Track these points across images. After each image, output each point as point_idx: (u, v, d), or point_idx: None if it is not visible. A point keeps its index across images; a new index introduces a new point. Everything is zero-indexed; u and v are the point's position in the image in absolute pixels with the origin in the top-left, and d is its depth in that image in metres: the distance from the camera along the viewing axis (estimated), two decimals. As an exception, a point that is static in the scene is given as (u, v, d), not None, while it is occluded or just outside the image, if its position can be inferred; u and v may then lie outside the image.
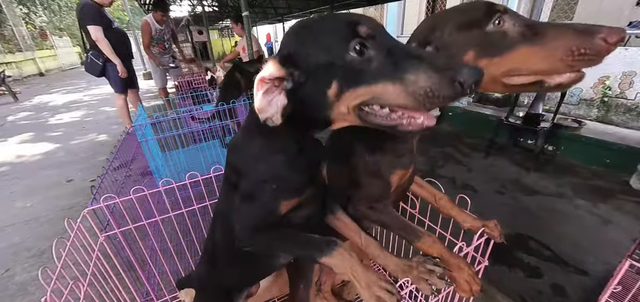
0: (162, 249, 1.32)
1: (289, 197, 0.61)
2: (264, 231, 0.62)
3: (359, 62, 0.43)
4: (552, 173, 2.80)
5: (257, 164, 0.60)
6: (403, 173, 0.76)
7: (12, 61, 12.12)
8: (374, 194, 0.75)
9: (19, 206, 2.43)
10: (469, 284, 0.67)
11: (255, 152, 0.60)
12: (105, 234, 0.93)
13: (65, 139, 4.20)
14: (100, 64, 3.08)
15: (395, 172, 0.74)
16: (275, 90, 0.45)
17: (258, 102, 0.45)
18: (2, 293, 1.55)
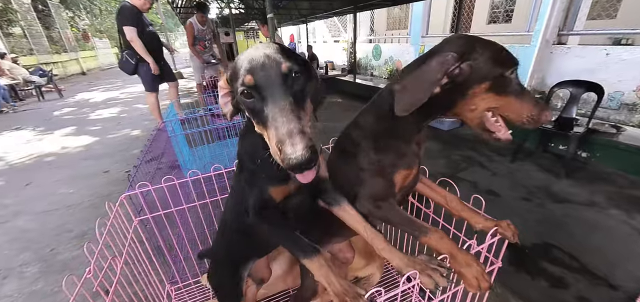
0: (188, 237, 1.42)
1: (275, 184, 0.70)
2: (266, 216, 0.72)
3: (251, 103, 0.55)
4: (584, 181, 2.63)
5: (251, 156, 0.71)
6: (407, 173, 0.77)
7: (58, 61, 13.24)
8: (378, 193, 0.77)
9: (62, 192, 2.68)
10: (478, 280, 0.68)
11: (249, 146, 0.72)
12: (139, 218, 1.03)
13: (102, 133, 4.55)
14: (133, 63, 3.32)
15: (398, 172, 0.76)
16: (229, 96, 0.61)
17: (220, 100, 0.62)
18: (48, 269, 1.73)
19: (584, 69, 3.79)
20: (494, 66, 0.62)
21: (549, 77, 4.28)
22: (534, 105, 0.63)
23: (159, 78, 3.56)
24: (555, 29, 4.03)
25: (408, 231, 0.75)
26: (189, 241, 1.30)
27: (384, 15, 9.84)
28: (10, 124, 5.57)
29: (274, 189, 0.70)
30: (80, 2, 18.14)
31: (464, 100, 0.65)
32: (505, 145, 3.41)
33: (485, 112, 0.66)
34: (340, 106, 6.14)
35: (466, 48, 0.63)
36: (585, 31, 4.00)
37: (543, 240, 1.94)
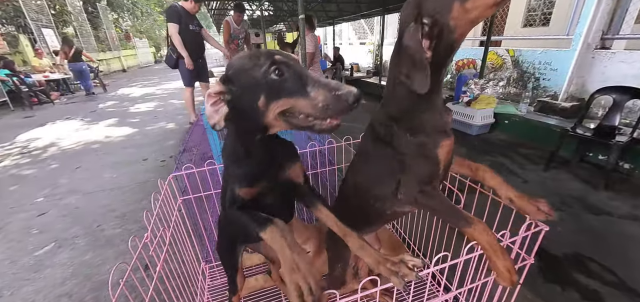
0: None
1: (243, 184, 0.75)
2: (232, 209, 0.78)
3: (279, 82, 0.59)
4: (626, 193, 2.46)
5: (230, 159, 0.78)
6: (449, 143, 0.76)
7: (103, 59, 14.37)
8: (424, 175, 0.75)
9: (107, 177, 2.95)
10: (510, 273, 0.69)
11: (230, 151, 0.78)
12: (183, 197, 1.13)
13: (141, 124, 4.90)
14: (174, 57, 3.60)
15: (441, 145, 0.74)
16: (220, 102, 0.61)
17: (207, 110, 0.61)
18: (95, 243, 1.93)
19: (630, 75, 3.51)
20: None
21: (589, 83, 4.01)
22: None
23: (195, 74, 3.80)
24: (599, 32, 3.77)
25: (452, 220, 0.73)
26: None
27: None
28: (62, 114, 6.15)
29: (242, 190, 0.76)
30: (124, 5, 19.56)
31: (456, 29, 0.63)
32: (539, 153, 3.25)
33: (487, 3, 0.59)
34: (363, 107, 6.14)
35: (416, 7, 0.64)
36: (633, 35, 3.71)
37: (576, 251, 1.85)
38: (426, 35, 0.63)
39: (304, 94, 0.59)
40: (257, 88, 0.60)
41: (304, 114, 0.61)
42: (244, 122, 0.66)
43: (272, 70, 0.59)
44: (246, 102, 0.61)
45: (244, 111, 0.63)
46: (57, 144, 4.16)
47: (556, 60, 4.39)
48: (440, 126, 0.76)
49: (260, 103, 0.60)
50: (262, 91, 0.60)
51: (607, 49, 3.85)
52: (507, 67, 5.19)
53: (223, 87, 0.61)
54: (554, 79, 4.45)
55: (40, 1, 10.77)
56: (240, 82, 0.61)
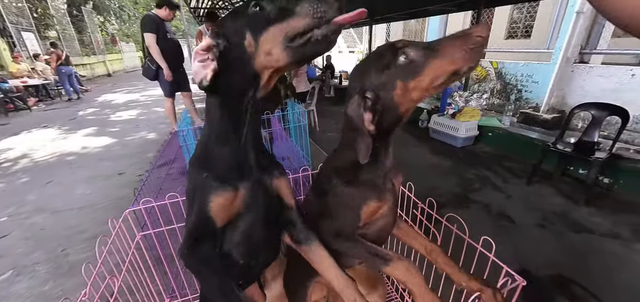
0: None
1: (218, 188, 0.61)
2: (198, 253, 0.62)
3: (262, 15, 0.55)
4: (606, 209, 2.48)
5: (197, 156, 0.66)
6: (376, 206, 0.73)
7: (87, 63, 13.98)
8: (341, 224, 0.73)
9: (79, 193, 2.80)
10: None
11: (198, 150, 0.67)
12: (142, 233, 1.05)
13: (121, 134, 4.73)
14: (153, 69, 3.48)
15: (368, 203, 0.72)
16: (208, 59, 0.56)
17: (194, 68, 0.56)
18: (56, 270, 1.79)
19: (607, 90, 3.61)
20: (386, 70, 0.62)
21: (569, 96, 4.11)
22: (458, 39, 0.57)
23: (175, 85, 3.69)
24: (577, 46, 3.87)
25: (370, 262, 0.70)
26: None
27: (400, 26, 9.81)
28: (39, 121, 5.90)
29: (217, 197, 0.60)
30: (111, 8, 19.16)
31: (400, 105, 0.64)
32: (521, 167, 3.28)
33: (427, 87, 0.61)
34: (352, 117, 6.13)
35: (360, 81, 0.65)
36: (609, 50, 3.83)
37: (559, 272, 1.83)
38: (369, 109, 0.63)
39: (291, 13, 0.54)
40: (241, 29, 0.56)
41: (300, 34, 0.55)
42: (234, 76, 0.59)
43: (252, 5, 0.56)
44: (233, 48, 0.57)
45: (233, 60, 0.58)
46: (29, 155, 3.96)
47: (537, 73, 4.48)
48: (377, 187, 0.73)
49: (246, 43, 0.56)
50: (246, 28, 0.56)
51: (585, 63, 3.96)
52: (491, 78, 5.28)
53: (212, 41, 0.57)
54: (535, 91, 4.54)
55: (21, 3, 10.41)
56: (226, 31, 0.58)
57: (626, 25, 0.36)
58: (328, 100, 7.91)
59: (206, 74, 0.55)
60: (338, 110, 6.82)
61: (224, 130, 0.63)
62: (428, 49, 0.59)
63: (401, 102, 0.63)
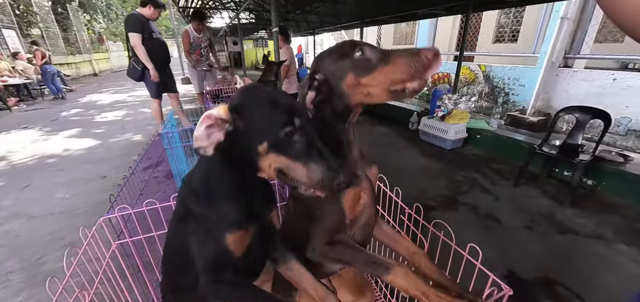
0: None
1: (232, 228, 0.64)
2: (226, 280, 0.65)
3: (288, 140, 0.56)
4: (590, 211, 2.54)
5: (206, 196, 0.66)
6: (354, 193, 0.72)
7: (72, 62, 13.57)
8: (330, 225, 0.72)
9: (59, 197, 2.68)
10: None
11: (204, 183, 0.66)
12: (118, 242, 1.00)
13: (106, 136, 4.59)
14: (139, 69, 3.38)
15: (346, 194, 0.71)
16: (216, 128, 0.55)
17: (197, 131, 0.53)
18: (32, 279, 1.71)
19: (591, 93, 3.71)
20: (341, 60, 0.66)
21: (554, 100, 4.21)
22: (409, 59, 0.59)
23: (162, 86, 3.60)
24: (562, 51, 3.97)
25: (370, 270, 0.69)
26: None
27: (391, 30, 9.89)
28: (19, 122, 5.67)
29: (233, 236, 0.64)
30: (98, 7, 18.68)
31: (350, 94, 0.67)
32: (509, 169, 3.33)
33: (381, 87, 0.63)
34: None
35: (316, 65, 0.71)
36: (591, 55, 3.94)
37: (545, 274, 1.85)
38: (314, 88, 0.67)
39: (305, 162, 0.56)
40: (264, 135, 0.56)
41: (295, 178, 0.58)
42: (236, 158, 0.61)
43: (287, 129, 0.56)
44: (247, 142, 0.57)
45: (241, 148, 0.58)
46: (7, 157, 3.79)
47: (524, 77, 4.58)
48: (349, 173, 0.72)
49: (261, 148, 0.57)
50: (268, 140, 0.56)
51: (569, 68, 4.06)
52: (479, 81, 5.36)
53: (229, 116, 0.55)
54: (522, 94, 4.63)
55: (2, 0, 10.03)
56: (249, 120, 0.57)
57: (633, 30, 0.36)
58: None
59: (207, 145, 0.55)
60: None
61: (225, 183, 0.66)
62: (383, 54, 0.63)
63: (350, 93, 0.67)
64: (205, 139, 0.54)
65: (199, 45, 4.37)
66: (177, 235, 0.72)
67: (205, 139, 0.54)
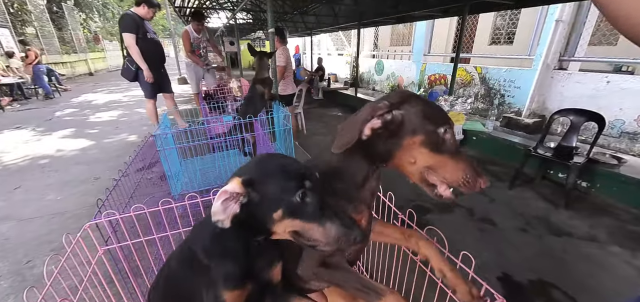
0: (159, 264, 1.36)
1: (231, 286, 0.66)
2: None
3: (301, 204, 0.59)
4: (584, 212, 2.55)
5: (211, 255, 0.68)
6: (358, 217, 0.71)
7: (67, 61, 13.44)
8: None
9: (50, 199, 2.64)
10: None
11: (213, 243, 0.68)
12: (104, 248, 0.98)
13: (100, 136, 4.54)
14: (133, 69, 3.35)
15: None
16: (232, 201, 0.57)
17: (215, 206, 0.56)
18: (20, 284, 1.67)
19: (585, 95, 3.73)
20: (426, 120, 0.63)
21: (549, 102, 4.23)
22: (469, 171, 0.61)
23: (156, 86, 3.57)
24: (557, 53, 4.00)
25: (361, 295, 0.69)
26: (158, 268, 1.24)
27: (388, 31, 9.90)
28: (12, 122, 5.59)
29: (231, 294, 0.65)
30: (94, 5, 18.53)
31: (401, 151, 0.65)
32: (504, 170, 3.34)
33: (425, 168, 0.64)
34: (339, 120, 6.12)
35: (400, 99, 0.65)
36: (585, 57, 3.97)
37: (540, 277, 1.85)
38: (383, 119, 0.63)
39: (320, 223, 0.59)
40: (278, 202, 0.59)
41: (311, 238, 0.60)
42: (250, 226, 0.63)
43: (299, 193, 0.59)
44: (262, 211, 0.60)
45: (256, 217, 0.61)
46: (-2, 158, 3.74)
47: (519, 79, 4.60)
48: (356, 199, 0.73)
49: (276, 215, 0.59)
50: (282, 207, 0.59)
51: (564, 70, 4.09)
52: (475, 83, 5.38)
53: (243, 190, 0.58)
54: (517, 96, 4.65)
55: (-5, -2, 9.91)
56: (263, 190, 0.60)
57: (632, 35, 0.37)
58: (316, 103, 7.89)
59: (225, 219, 0.57)
60: (326, 113, 6.81)
61: (230, 245, 0.67)
62: (456, 146, 0.64)
63: (403, 150, 0.64)
64: (222, 212, 0.56)
65: (198, 46, 4.44)
66: (181, 275, 0.75)
67: (222, 213, 0.56)
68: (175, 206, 1.02)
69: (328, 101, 8.08)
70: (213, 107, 3.51)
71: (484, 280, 0.75)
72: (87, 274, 0.88)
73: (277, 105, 2.71)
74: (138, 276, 1.27)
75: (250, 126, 2.46)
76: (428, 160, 0.62)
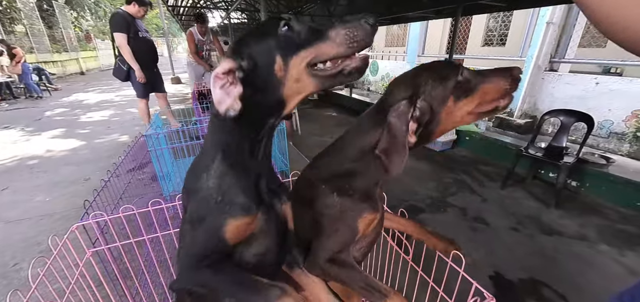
0: (159, 260, 1.34)
1: (236, 213, 0.56)
2: (206, 266, 0.56)
3: (292, 36, 0.52)
4: (574, 212, 2.59)
5: (205, 179, 0.58)
6: (372, 217, 0.71)
7: (58, 60, 13.20)
8: (338, 241, 0.70)
9: (38, 200, 2.59)
10: None
11: (204, 167, 0.59)
12: (92, 250, 0.96)
13: (91, 137, 4.46)
14: (125, 69, 3.30)
15: (364, 216, 0.70)
16: (229, 82, 0.51)
17: (216, 95, 0.50)
18: (6, 286, 1.63)
19: (574, 96, 3.80)
20: (443, 82, 0.62)
21: (540, 102, 4.29)
22: (502, 76, 0.61)
23: (149, 86, 3.52)
24: (547, 55, 4.06)
25: (365, 294, 0.68)
26: (160, 264, 1.22)
27: (383, 31, 9.96)
28: (0, 122, 5.47)
29: (235, 222, 0.56)
30: (86, 4, 18.24)
31: (443, 123, 0.64)
32: (496, 171, 3.38)
33: (471, 111, 0.64)
34: (334, 120, 6.13)
35: (410, 87, 0.63)
36: (575, 59, 4.04)
37: (531, 276, 1.88)
38: (416, 118, 0.60)
39: (324, 37, 0.51)
40: (270, 51, 0.52)
41: (330, 60, 0.53)
42: (257, 101, 0.54)
43: (283, 26, 0.52)
44: (261, 71, 0.52)
45: (260, 84, 0.53)
46: (-15, 159, 3.65)
47: (512, 80, 4.65)
48: (371, 198, 0.72)
49: (276, 66, 0.52)
50: (277, 51, 0.52)
51: (555, 71, 4.15)
52: (469, 84, 5.43)
53: (233, 63, 0.51)
54: (510, 98, 4.71)
55: (-18, -5, 9.69)
56: (251, 52, 0.52)
57: (621, 40, 0.37)
58: (311, 103, 7.88)
59: (232, 103, 0.50)
60: (321, 113, 6.80)
61: (240, 154, 0.58)
62: (480, 75, 0.63)
63: (444, 120, 0.63)
64: (227, 97, 0.50)
65: (201, 47, 4.53)
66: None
67: (227, 98, 0.50)
68: (165, 206, 1.00)
69: (323, 102, 8.08)
70: (206, 106, 3.47)
71: (474, 279, 0.75)
72: (75, 276, 0.86)
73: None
74: (128, 278, 1.26)
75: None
76: (469, 105, 0.62)
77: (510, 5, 3.65)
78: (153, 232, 1.08)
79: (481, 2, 3.20)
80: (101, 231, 0.98)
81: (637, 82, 3.21)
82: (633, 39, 0.35)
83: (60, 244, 0.84)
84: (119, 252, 1.02)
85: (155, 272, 1.24)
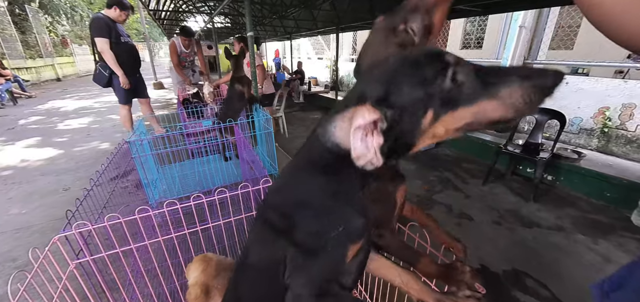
0: (147, 269, 1.31)
1: (355, 240, 0.54)
2: (331, 295, 0.54)
3: (453, 89, 0.43)
4: (551, 204, 2.73)
5: (320, 208, 0.54)
6: (404, 188, 0.74)
7: (31, 66, 12.59)
8: (383, 218, 0.73)
9: (13, 213, 2.46)
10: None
11: (316, 194, 0.55)
12: (76, 261, 0.93)
13: (69, 145, 4.29)
14: (106, 75, 3.20)
15: (399, 188, 0.72)
16: (370, 132, 0.44)
17: (356, 150, 0.44)
18: (-20, 307, 1.55)
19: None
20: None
21: (519, 102, 4.49)
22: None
23: (132, 92, 3.43)
24: (521, 57, 4.25)
25: (405, 258, 0.76)
26: (148, 273, 1.20)
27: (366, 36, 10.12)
28: (-33, 133, 5.16)
29: (355, 246, 0.54)
30: (61, 8, 17.52)
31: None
32: (478, 168, 3.50)
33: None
34: (322, 123, 6.15)
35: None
36: (547, 61, 4.26)
37: (514, 267, 1.96)
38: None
39: (491, 94, 0.42)
40: (424, 102, 0.44)
41: (490, 121, 0.44)
42: (390, 145, 0.48)
43: (446, 74, 0.43)
44: (407, 123, 0.46)
45: (398, 132, 0.46)
46: (-48, 172, 3.43)
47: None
48: (397, 172, 0.71)
49: (425, 120, 0.45)
50: (432, 105, 0.44)
51: (530, 72, 4.36)
52: (451, 85, 5.61)
53: (378, 114, 0.43)
54: (490, 97, 4.90)
55: (-54, -1, 9.13)
56: (399, 102, 0.45)
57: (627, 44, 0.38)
58: (297, 106, 7.90)
59: (374, 156, 0.44)
60: (308, 116, 6.83)
61: (352, 187, 0.55)
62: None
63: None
64: (367, 151, 0.44)
65: (185, 59, 4.49)
66: (268, 250, 0.61)
67: (368, 152, 0.44)
68: (152, 213, 0.99)
69: (309, 104, 8.11)
70: (191, 112, 3.42)
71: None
72: (58, 291, 0.84)
73: (257, 108, 2.70)
74: (114, 290, 1.23)
75: (231, 129, 2.43)
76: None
77: (485, 10, 3.81)
78: (140, 240, 1.06)
79: (458, 6, 3.32)
80: (85, 241, 0.95)
81: (602, 82, 3.42)
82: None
83: (41, 257, 0.82)
84: (104, 263, 1.00)
85: (143, 282, 1.21)
